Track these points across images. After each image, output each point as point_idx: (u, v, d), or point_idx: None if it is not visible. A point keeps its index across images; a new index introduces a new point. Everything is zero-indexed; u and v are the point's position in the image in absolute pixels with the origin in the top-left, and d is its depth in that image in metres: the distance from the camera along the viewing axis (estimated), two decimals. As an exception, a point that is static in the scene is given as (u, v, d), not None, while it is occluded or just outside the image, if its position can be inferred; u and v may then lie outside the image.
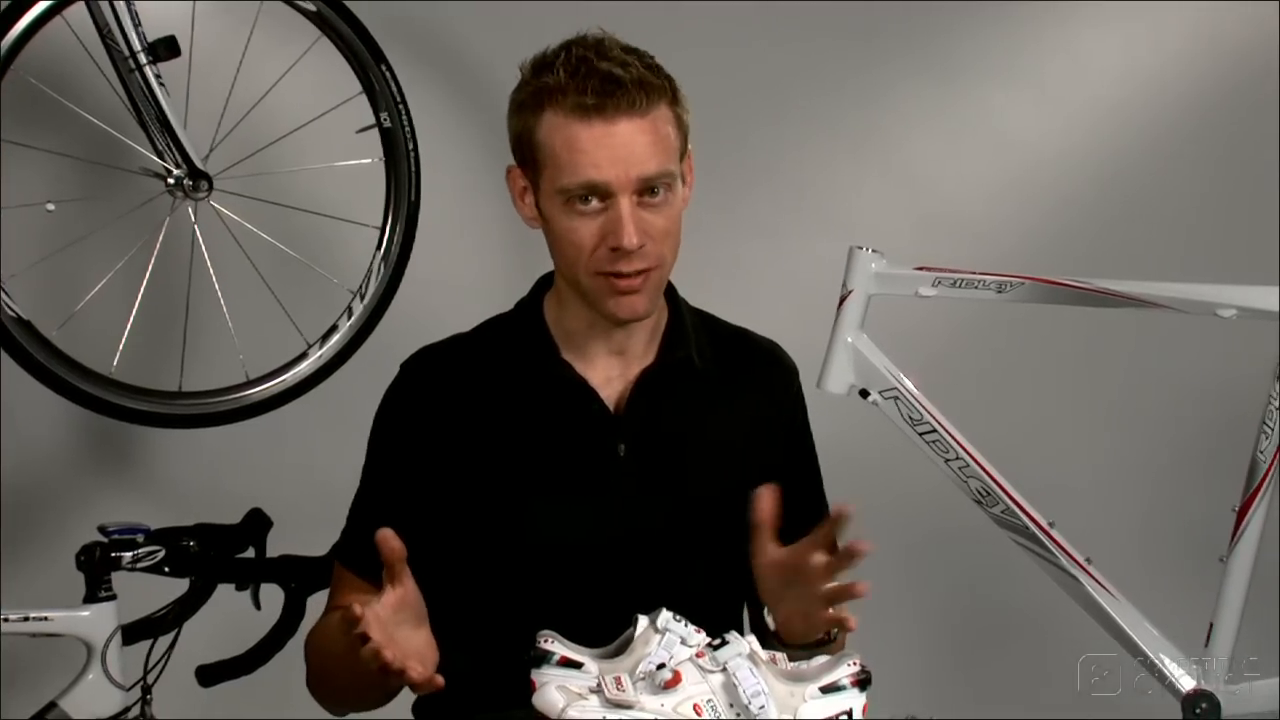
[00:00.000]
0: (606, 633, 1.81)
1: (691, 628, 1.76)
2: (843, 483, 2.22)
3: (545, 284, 2.06)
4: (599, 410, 1.99)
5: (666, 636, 1.75)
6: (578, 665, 1.72)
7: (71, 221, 2.72)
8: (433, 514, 1.98)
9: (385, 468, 2.02)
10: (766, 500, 1.86)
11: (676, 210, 1.93)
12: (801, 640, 1.87)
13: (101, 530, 2.33)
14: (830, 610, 1.81)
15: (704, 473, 2.01)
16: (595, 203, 1.89)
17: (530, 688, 1.71)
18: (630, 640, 1.76)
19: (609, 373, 2.00)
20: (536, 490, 1.95)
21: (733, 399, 2.06)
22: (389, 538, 1.74)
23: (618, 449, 1.98)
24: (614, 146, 1.86)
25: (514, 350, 2.02)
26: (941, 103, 3.44)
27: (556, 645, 1.73)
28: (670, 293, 2.05)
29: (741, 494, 2.00)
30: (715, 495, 2.00)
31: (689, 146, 1.97)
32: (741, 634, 1.77)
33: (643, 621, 1.77)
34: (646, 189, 1.89)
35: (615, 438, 1.98)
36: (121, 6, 2.49)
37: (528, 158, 1.94)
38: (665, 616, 1.76)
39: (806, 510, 2.14)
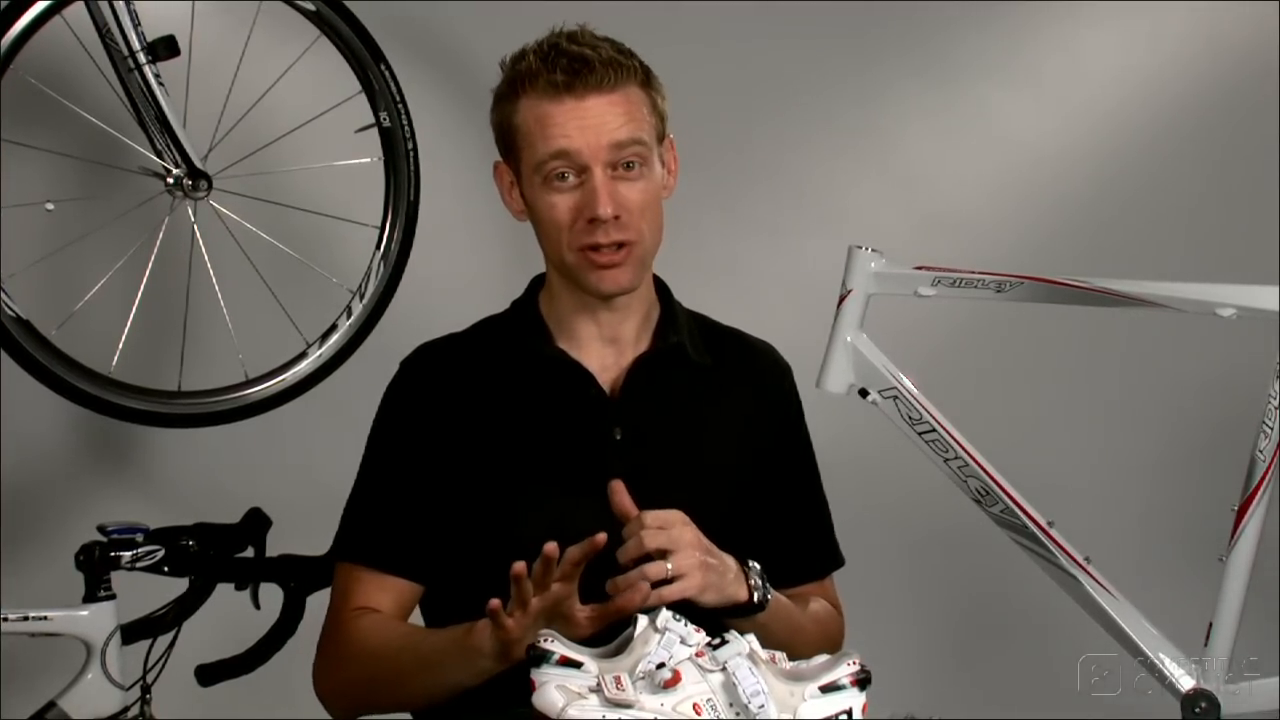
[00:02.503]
0: (606, 631, 1.81)
1: (691, 627, 1.76)
2: (843, 483, 2.22)
3: (539, 283, 2.10)
4: (596, 394, 2.01)
5: (666, 636, 1.74)
6: (577, 665, 1.71)
7: (71, 221, 2.72)
8: (435, 508, 1.99)
9: (390, 461, 2.03)
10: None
11: (654, 187, 1.98)
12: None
13: (101, 530, 2.33)
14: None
15: (699, 459, 2.03)
16: (571, 178, 1.95)
17: (530, 687, 1.71)
18: (630, 639, 1.76)
19: (604, 361, 2.03)
20: (535, 478, 1.97)
21: (726, 392, 2.08)
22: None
23: (613, 433, 2.00)
24: (584, 118, 1.93)
25: (510, 342, 2.05)
26: (940, 102, 3.44)
27: (556, 644, 1.72)
28: (662, 289, 2.09)
29: (737, 482, 2.02)
30: (711, 482, 2.01)
31: (669, 133, 2.02)
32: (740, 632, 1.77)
33: (642, 621, 1.76)
34: (621, 163, 1.94)
35: (611, 422, 2.00)
36: (121, 6, 2.49)
37: (509, 145, 2.00)
38: (665, 616, 1.76)
39: (806, 512, 2.14)
